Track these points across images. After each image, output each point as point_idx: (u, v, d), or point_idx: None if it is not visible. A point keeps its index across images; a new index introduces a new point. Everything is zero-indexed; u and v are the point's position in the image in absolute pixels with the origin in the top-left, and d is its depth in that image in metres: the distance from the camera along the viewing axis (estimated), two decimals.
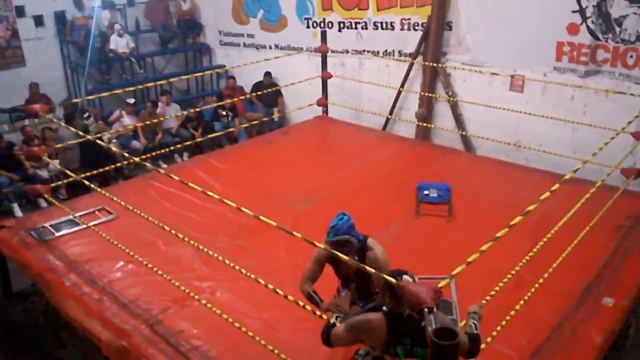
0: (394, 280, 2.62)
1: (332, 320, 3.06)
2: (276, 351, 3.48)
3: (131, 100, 9.17)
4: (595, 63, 7.02)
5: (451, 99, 8.12)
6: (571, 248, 4.23)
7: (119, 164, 7.04)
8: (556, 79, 7.11)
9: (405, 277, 2.72)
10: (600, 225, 4.70)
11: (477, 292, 3.60)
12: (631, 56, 6.71)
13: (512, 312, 3.54)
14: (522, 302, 3.65)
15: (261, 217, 3.42)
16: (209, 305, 3.86)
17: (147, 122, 8.34)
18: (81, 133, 6.04)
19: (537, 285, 3.81)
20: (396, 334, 2.71)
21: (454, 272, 2.73)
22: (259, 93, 9.37)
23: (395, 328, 2.71)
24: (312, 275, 3.50)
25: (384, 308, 2.77)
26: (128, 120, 8.99)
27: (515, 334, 3.75)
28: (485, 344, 3.28)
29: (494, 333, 3.37)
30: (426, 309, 2.36)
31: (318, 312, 3.35)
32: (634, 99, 6.28)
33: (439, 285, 2.55)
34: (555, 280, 4.01)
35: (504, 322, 3.45)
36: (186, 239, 4.25)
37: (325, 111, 8.59)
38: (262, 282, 3.55)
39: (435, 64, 8.07)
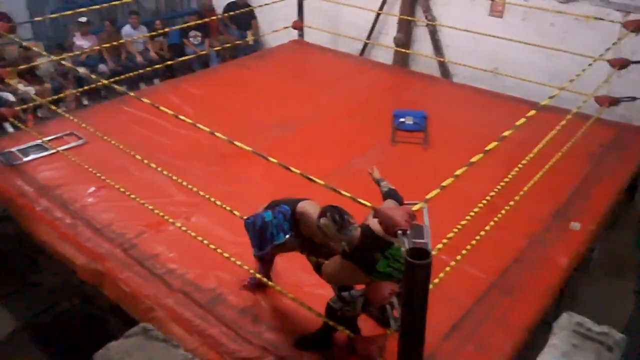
0: (369, 204, 2.64)
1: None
2: (251, 271, 3.54)
3: (83, 19, 8.60)
4: None
5: (430, 23, 7.92)
6: (543, 174, 4.30)
7: (86, 87, 6.77)
8: (537, 4, 6.96)
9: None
10: (573, 153, 4.77)
11: (451, 217, 3.66)
12: None
13: (482, 234, 3.61)
14: (491, 225, 3.71)
15: (236, 143, 3.36)
16: (184, 228, 3.86)
17: (115, 44, 7.94)
18: None
19: (507, 209, 3.88)
20: (366, 262, 2.77)
21: (427, 197, 2.75)
22: (231, 14, 8.99)
23: (360, 258, 2.77)
24: None
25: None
26: (82, 42, 8.49)
27: (484, 256, 3.87)
28: (455, 264, 3.39)
29: (463, 252, 3.46)
30: (400, 231, 2.39)
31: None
32: (613, 25, 6.22)
33: (413, 209, 2.57)
34: (526, 205, 4.10)
35: (472, 244, 3.53)
36: (159, 168, 4.18)
37: (301, 35, 8.32)
38: (237, 213, 3.51)
39: None
